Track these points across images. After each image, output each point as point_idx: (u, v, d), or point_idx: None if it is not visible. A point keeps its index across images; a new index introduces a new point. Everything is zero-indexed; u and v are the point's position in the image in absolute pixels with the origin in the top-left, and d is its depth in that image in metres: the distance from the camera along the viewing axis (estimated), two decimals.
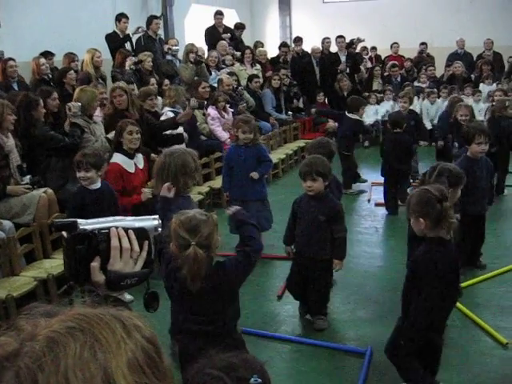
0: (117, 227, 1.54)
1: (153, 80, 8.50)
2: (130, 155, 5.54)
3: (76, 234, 1.53)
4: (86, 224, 1.55)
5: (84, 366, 0.75)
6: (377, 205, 7.60)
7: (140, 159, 5.73)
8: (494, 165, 5.80)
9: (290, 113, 11.06)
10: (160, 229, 1.65)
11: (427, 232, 3.26)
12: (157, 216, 1.67)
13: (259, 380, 1.58)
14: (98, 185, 4.76)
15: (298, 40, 12.77)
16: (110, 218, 1.60)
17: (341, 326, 4.57)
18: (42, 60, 7.84)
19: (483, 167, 5.33)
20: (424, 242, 3.32)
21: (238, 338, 3.03)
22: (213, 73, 10.00)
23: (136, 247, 1.55)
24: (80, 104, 5.93)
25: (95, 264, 1.51)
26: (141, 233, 1.58)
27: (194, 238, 2.71)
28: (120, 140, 5.52)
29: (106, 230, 1.53)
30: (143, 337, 0.84)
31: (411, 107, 8.84)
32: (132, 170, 5.55)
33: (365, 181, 8.51)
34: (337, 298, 4.89)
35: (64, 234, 1.57)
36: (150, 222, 1.64)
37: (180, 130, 7.24)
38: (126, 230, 1.55)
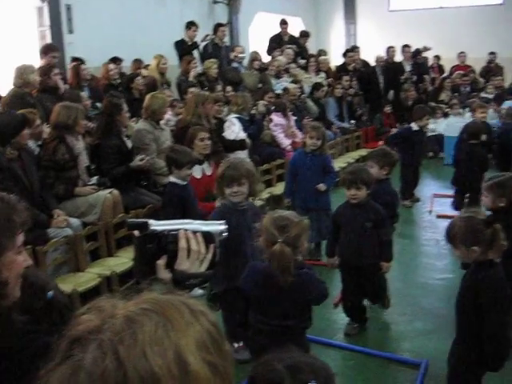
0: (186, 230, 1.63)
1: (219, 87, 8.62)
2: (200, 161, 5.65)
3: (147, 234, 1.63)
4: (157, 225, 1.65)
5: (158, 342, 0.83)
6: (438, 217, 7.47)
7: (208, 166, 5.88)
8: None
9: (352, 121, 11.02)
10: (225, 234, 1.72)
11: (479, 257, 3.11)
12: (223, 221, 1.74)
13: None
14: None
15: (355, 48, 12.85)
16: (179, 221, 1.69)
17: (396, 336, 4.55)
18: (112, 66, 8.10)
19: None
20: (476, 267, 3.14)
21: (305, 344, 3.14)
22: (272, 80, 10.08)
23: (203, 249, 1.63)
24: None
25: (161, 262, 1.60)
26: (207, 236, 1.66)
27: (281, 236, 2.84)
28: (191, 147, 5.57)
29: (175, 232, 1.63)
30: (208, 320, 0.92)
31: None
32: (199, 175, 5.70)
33: (417, 200, 8.27)
34: (394, 309, 4.85)
35: (136, 233, 1.67)
36: (217, 226, 1.71)
37: (243, 135, 7.33)
38: (194, 232, 1.64)
